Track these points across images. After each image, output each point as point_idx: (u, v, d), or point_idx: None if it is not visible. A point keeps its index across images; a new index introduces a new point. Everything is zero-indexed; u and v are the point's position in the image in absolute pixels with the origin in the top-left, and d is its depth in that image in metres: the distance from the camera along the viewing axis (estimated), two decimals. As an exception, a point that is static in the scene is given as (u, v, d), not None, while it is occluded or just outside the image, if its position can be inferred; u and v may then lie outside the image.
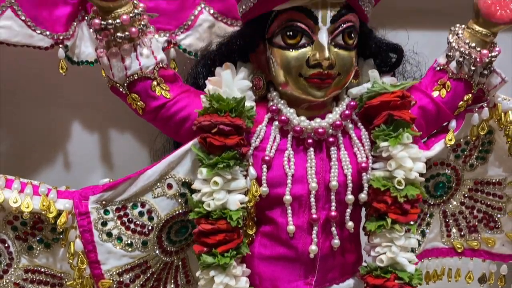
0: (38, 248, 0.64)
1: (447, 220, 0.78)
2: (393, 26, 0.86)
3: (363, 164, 0.62)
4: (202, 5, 0.78)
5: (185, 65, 0.77)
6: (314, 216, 0.60)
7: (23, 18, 0.72)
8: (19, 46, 0.73)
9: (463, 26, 0.67)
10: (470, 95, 0.66)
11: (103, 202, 0.63)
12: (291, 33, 0.58)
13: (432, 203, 0.76)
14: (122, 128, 0.90)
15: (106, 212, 0.63)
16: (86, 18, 0.76)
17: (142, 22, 0.59)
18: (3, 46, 0.73)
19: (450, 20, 0.88)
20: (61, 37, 0.75)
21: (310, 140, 0.61)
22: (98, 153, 0.90)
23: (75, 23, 0.77)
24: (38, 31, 0.73)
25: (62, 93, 0.86)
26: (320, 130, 0.60)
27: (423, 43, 0.89)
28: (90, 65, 0.79)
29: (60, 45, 0.75)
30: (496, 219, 0.76)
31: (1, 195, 0.59)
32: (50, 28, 0.74)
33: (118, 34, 0.58)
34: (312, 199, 0.60)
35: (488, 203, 0.76)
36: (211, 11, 0.78)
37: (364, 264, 0.65)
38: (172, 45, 0.77)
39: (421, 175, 0.62)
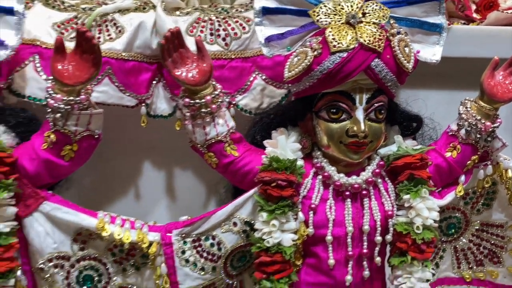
0: (130, 270, 0.81)
1: (458, 255, 0.93)
2: (415, 87, 1.04)
3: (389, 212, 0.78)
4: (256, 72, 0.93)
5: (241, 121, 0.94)
6: (350, 253, 0.77)
7: (116, 84, 0.89)
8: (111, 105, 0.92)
9: (471, 99, 0.83)
10: (477, 156, 0.82)
11: (183, 235, 0.80)
12: (334, 110, 0.75)
13: (445, 240, 0.91)
14: (183, 167, 1.05)
15: (184, 243, 0.80)
16: (162, 80, 0.95)
17: (219, 100, 0.77)
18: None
19: (461, 82, 1.05)
20: (143, 97, 0.93)
21: (347, 193, 0.78)
22: (163, 188, 1.05)
23: (153, 85, 0.95)
24: (127, 94, 0.90)
25: (136, 139, 1.01)
26: (356, 185, 0.77)
27: (439, 102, 1.06)
28: (164, 118, 0.97)
29: (143, 104, 0.94)
30: (499, 255, 0.91)
31: (109, 230, 0.76)
32: (136, 90, 0.92)
33: (203, 110, 0.76)
34: (349, 240, 0.77)
35: (492, 242, 0.91)
36: (263, 77, 0.93)
37: (388, 291, 0.81)
38: (232, 105, 0.94)
39: (435, 221, 0.79)
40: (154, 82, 0.94)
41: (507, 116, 1.02)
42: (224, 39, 0.92)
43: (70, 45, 0.87)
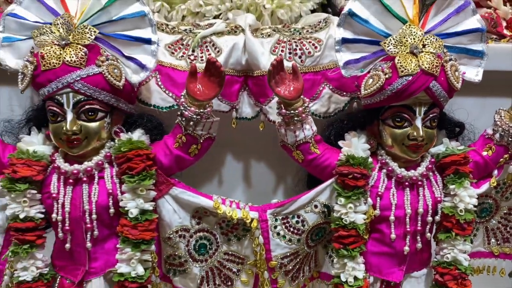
0: (233, 240, 1.04)
1: (488, 233, 1.15)
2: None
3: (439, 198, 1.00)
4: (325, 83, 1.12)
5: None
6: (408, 229, 1.00)
7: (216, 94, 1.11)
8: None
9: (505, 109, 1.03)
10: (508, 155, 1.04)
11: (275, 214, 1.02)
12: (399, 119, 0.96)
13: (478, 221, 1.13)
14: (258, 160, 1.25)
15: (276, 220, 1.02)
16: (246, 89, 1.16)
17: (307, 109, 0.99)
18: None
19: (492, 91, 1.22)
20: (234, 104, 1.14)
21: (406, 183, 1.00)
22: (241, 177, 1.25)
23: (240, 93, 1.16)
24: (223, 102, 1.11)
25: (220, 136, 1.13)
26: (414, 177, 0.99)
27: (473, 107, 1.23)
28: (247, 120, 1.18)
29: (233, 109, 1.15)
30: (523, 234, 1.13)
31: (222, 208, 0.99)
32: (229, 99, 1.12)
33: (295, 118, 0.97)
34: (407, 219, 0.99)
35: (517, 223, 1.13)
36: (330, 87, 1.13)
37: (435, 259, 1.04)
38: (305, 111, 1.16)
39: (474, 205, 1.00)
40: (241, 91, 1.16)
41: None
42: (300, 57, 1.11)
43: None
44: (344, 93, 1.13)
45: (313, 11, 1.27)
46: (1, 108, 1.15)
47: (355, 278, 0.98)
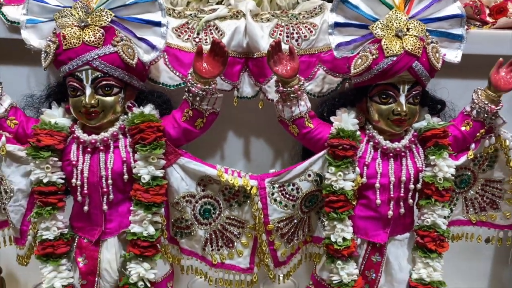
0: (235, 206, 1.15)
1: (467, 203, 1.25)
2: (438, 77, 1.32)
3: (420, 168, 1.11)
4: (319, 65, 1.22)
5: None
6: (392, 195, 1.10)
7: (218, 73, 1.21)
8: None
9: (482, 88, 1.13)
10: (484, 130, 1.14)
11: (272, 182, 1.13)
12: (385, 96, 1.07)
13: (457, 191, 1.24)
14: (257, 135, 1.36)
15: (273, 188, 1.13)
16: (247, 70, 1.25)
17: (302, 87, 1.09)
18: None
19: (473, 73, 1.31)
20: (236, 84, 1.24)
21: (391, 154, 1.11)
22: (241, 151, 1.36)
23: (241, 74, 1.26)
24: (226, 81, 1.21)
25: (222, 113, 1.19)
26: (398, 149, 1.10)
27: (455, 88, 1.33)
28: (248, 99, 1.28)
29: (235, 89, 1.25)
30: (497, 203, 1.24)
31: (225, 177, 1.10)
32: (231, 78, 1.22)
33: (292, 95, 1.07)
34: (391, 186, 1.10)
35: (493, 193, 1.23)
36: (324, 69, 1.23)
37: (416, 224, 1.15)
38: (300, 90, 1.26)
39: (452, 175, 1.11)
40: (242, 72, 1.26)
41: (509, 100, 1.33)
42: (296, 40, 1.21)
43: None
44: (337, 74, 1.23)
45: (309, -3, 1.36)
46: (20, 86, 1.25)
47: (344, 239, 1.09)
